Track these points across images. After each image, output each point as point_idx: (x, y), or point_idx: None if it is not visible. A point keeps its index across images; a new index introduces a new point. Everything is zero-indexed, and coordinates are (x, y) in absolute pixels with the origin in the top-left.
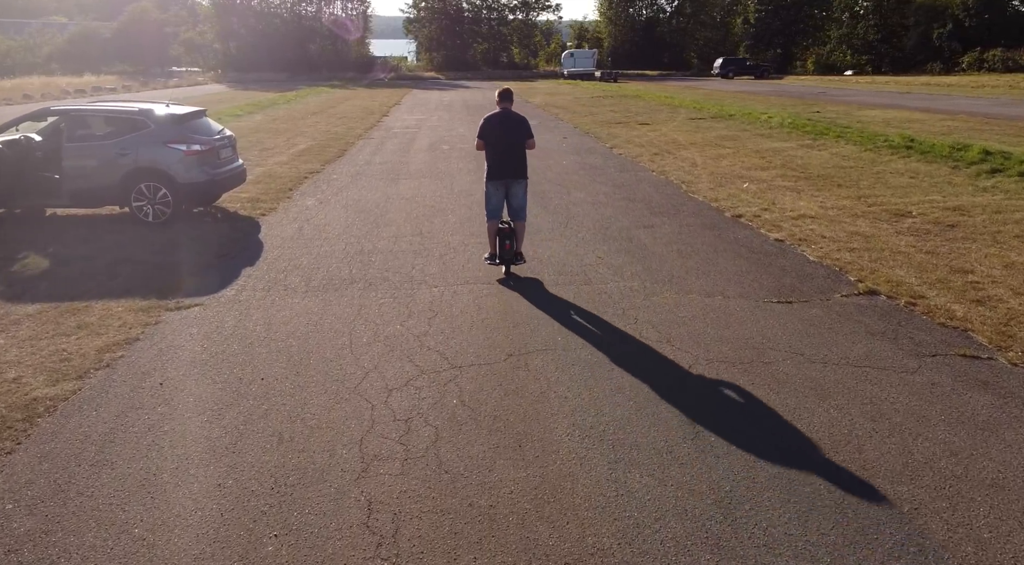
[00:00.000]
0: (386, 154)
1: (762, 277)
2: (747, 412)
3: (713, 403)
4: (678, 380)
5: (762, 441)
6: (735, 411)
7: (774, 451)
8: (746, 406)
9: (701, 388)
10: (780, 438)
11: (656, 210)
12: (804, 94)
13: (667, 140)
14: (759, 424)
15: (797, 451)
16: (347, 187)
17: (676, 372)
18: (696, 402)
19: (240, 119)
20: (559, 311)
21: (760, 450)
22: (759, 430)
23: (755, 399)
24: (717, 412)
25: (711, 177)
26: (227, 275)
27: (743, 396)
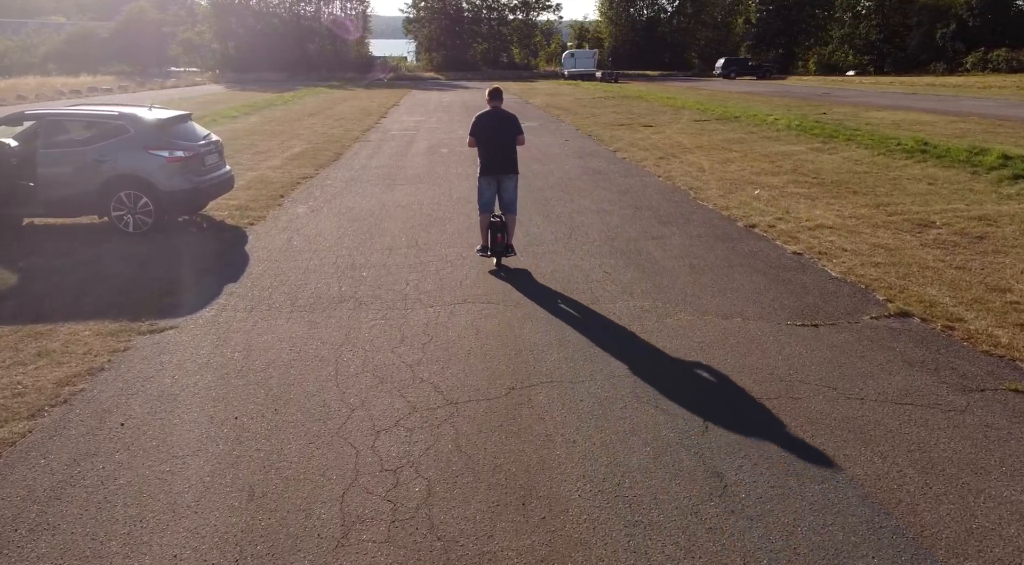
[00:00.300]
0: (383, 158)
1: (782, 296)
2: (780, 461)
3: (741, 450)
4: (699, 420)
5: (800, 498)
6: (766, 460)
7: (814, 512)
8: (778, 454)
9: (726, 430)
10: (821, 494)
11: (664, 219)
12: (808, 95)
13: (672, 143)
14: (796, 475)
15: (841, 511)
16: (341, 193)
17: (696, 410)
18: (721, 448)
19: (235, 121)
20: (564, 336)
21: (798, 510)
22: (796, 483)
23: (787, 444)
24: (746, 461)
25: (720, 183)
26: (208, 292)
27: (774, 439)
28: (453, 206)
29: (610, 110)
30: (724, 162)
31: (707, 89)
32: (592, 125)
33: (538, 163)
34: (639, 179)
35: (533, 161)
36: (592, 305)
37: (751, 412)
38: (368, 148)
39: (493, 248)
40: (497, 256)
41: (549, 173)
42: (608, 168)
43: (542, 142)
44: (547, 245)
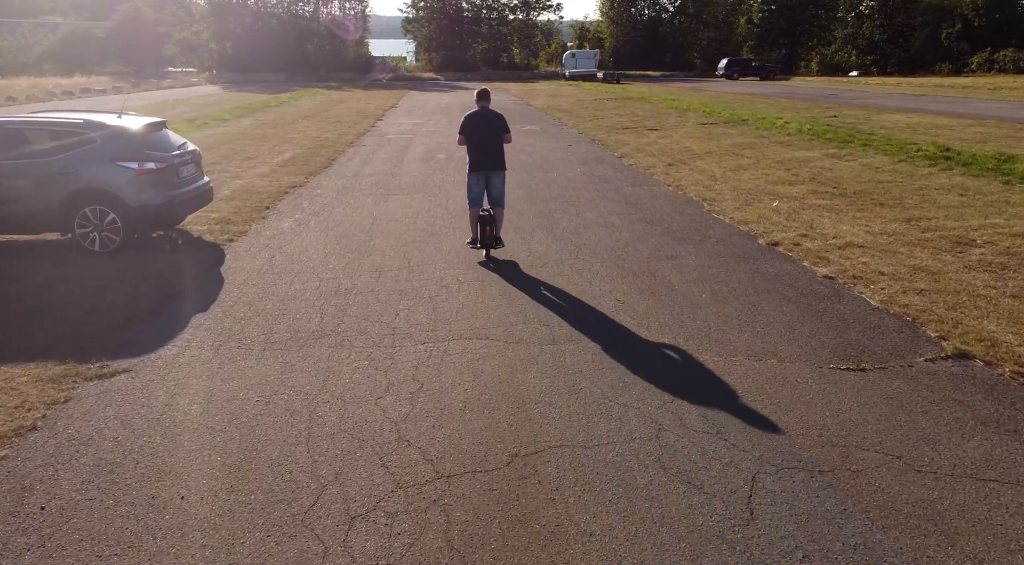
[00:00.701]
0: (377, 164)
1: (819, 330)
2: (846, 563)
3: (797, 548)
4: (741, 502)
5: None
6: (829, 561)
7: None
8: (844, 552)
9: (775, 517)
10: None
11: (678, 235)
12: (815, 96)
13: (680, 148)
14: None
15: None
16: (330, 205)
17: (737, 487)
18: (773, 544)
19: (227, 123)
20: (575, 383)
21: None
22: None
23: (857, 540)
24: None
25: (735, 193)
26: (173, 324)
27: (833, 532)
28: (449, 219)
29: (613, 112)
30: (737, 170)
31: (711, 90)
32: (595, 129)
33: (541, 170)
34: (648, 188)
35: (536, 168)
36: (605, 343)
37: (803, 490)
38: (362, 153)
39: (483, 240)
40: (486, 247)
41: (552, 182)
42: (614, 176)
43: (544, 147)
44: (552, 266)
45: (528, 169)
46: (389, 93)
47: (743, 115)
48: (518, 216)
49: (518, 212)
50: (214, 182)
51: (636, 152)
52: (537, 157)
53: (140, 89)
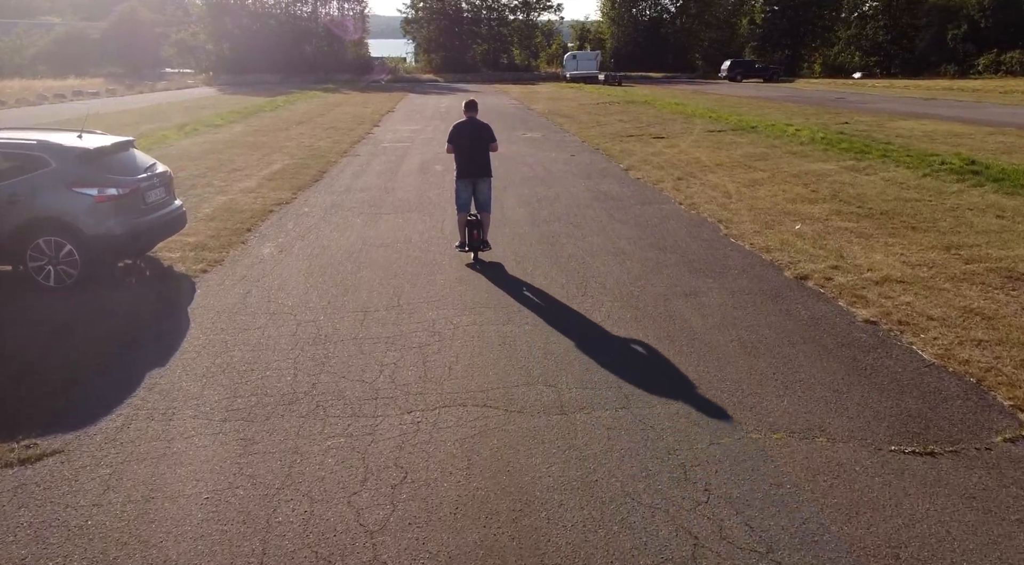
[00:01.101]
0: (370, 177)
1: (871, 396)
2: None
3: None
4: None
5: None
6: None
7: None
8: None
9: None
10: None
11: (696, 266)
12: (822, 100)
13: (688, 159)
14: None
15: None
16: (317, 226)
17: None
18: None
19: (218, 130)
20: (587, 472)
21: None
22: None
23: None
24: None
25: (752, 213)
26: (123, 384)
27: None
28: (445, 245)
29: (616, 118)
30: (751, 185)
31: (715, 93)
32: (599, 136)
33: (543, 185)
34: (658, 207)
35: (538, 183)
36: (621, 412)
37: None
38: (356, 164)
39: (470, 243)
40: (474, 250)
41: (555, 199)
42: (621, 192)
43: (546, 158)
44: (558, 304)
45: (530, 184)
46: (387, 96)
47: (751, 121)
48: (520, 241)
49: (520, 236)
50: (196, 198)
51: (643, 164)
52: (539, 169)
53: (134, 91)
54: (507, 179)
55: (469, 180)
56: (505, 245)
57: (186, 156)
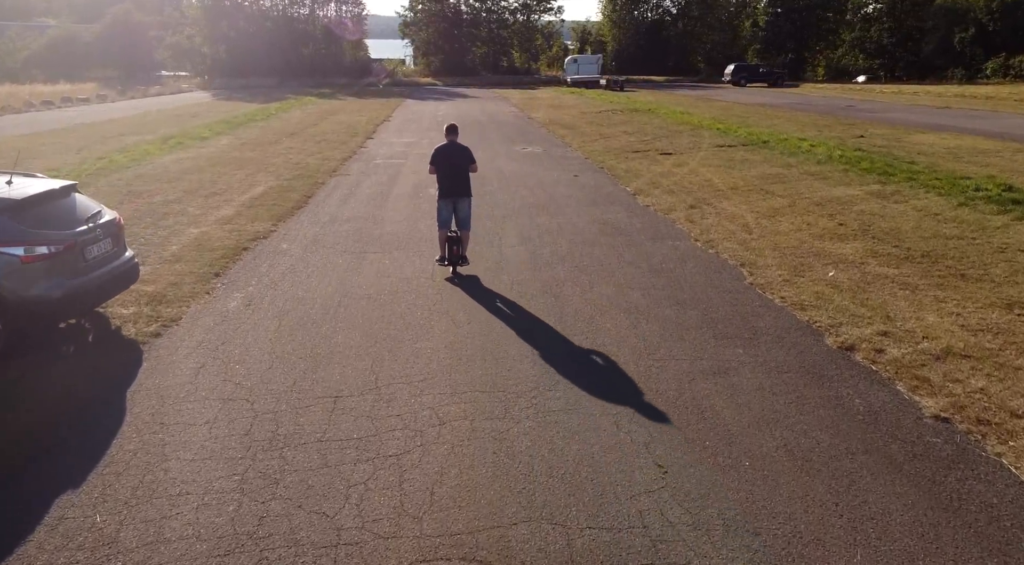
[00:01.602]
0: (358, 204)
1: (965, 542)
2: None
3: None
4: None
5: None
6: None
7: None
8: None
9: None
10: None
11: (722, 329)
12: (831, 108)
13: (700, 182)
14: None
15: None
16: (294, 269)
17: None
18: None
19: (205, 144)
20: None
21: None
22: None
23: None
24: None
25: (777, 254)
26: (8, 526)
27: None
28: (436, 296)
29: (620, 129)
30: (771, 215)
31: (720, 100)
32: (603, 152)
33: (545, 214)
34: (671, 245)
35: (539, 211)
36: (636, 555)
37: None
38: (344, 186)
39: (450, 258)
40: (453, 265)
41: (559, 232)
42: (630, 224)
43: (548, 178)
44: (563, 388)
45: (531, 212)
46: (383, 102)
47: (762, 135)
48: (520, 289)
49: (520, 283)
50: (167, 230)
51: (651, 187)
52: (540, 193)
53: (126, 96)
54: (507, 206)
55: (450, 199)
56: (503, 292)
57: (164, 176)
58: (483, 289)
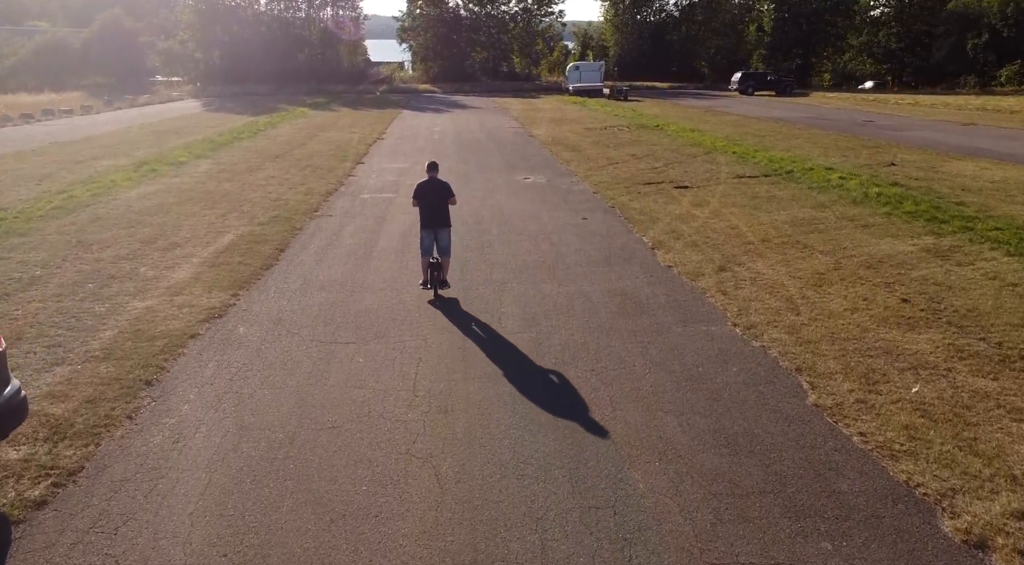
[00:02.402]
0: (337, 261)
1: None
2: None
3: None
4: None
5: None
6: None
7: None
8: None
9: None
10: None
11: (793, 497)
12: (850, 124)
13: (725, 229)
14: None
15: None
16: (245, 374)
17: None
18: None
19: (180, 170)
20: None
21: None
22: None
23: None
24: None
25: (837, 348)
26: None
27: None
28: (418, 424)
29: (628, 151)
30: (816, 283)
31: (729, 112)
32: (612, 183)
33: (551, 278)
34: (705, 331)
35: (545, 274)
36: None
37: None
38: (324, 234)
39: (432, 282)
40: (435, 288)
41: (568, 308)
42: (652, 296)
43: (553, 222)
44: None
45: (534, 276)
46: (378, 114)
47: (783, 161)
48: (524, 411)
49: (524, 402)
50: (107, 305)
51: (671, 237)
52: (545, 246)
53: (113, 107)
54: (508, 265)
55: (431, 230)
56: (504, 414)
57: (124, 219)
58: (479, 410)
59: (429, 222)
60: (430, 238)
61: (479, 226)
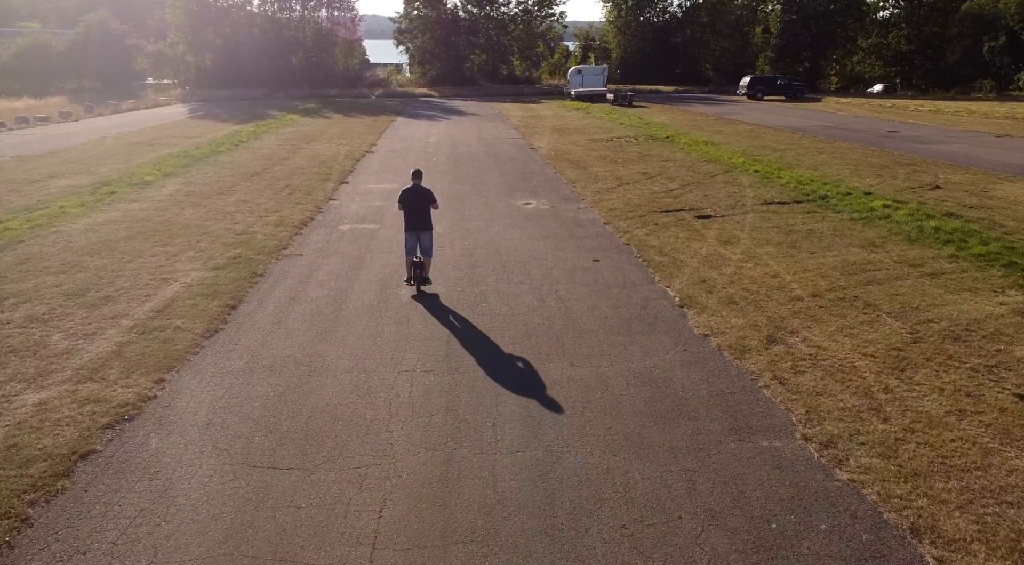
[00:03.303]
0: (296, 325)
1: None
2: None
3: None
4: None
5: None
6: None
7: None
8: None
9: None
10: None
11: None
12: (875, 136)
13: (765, 277)
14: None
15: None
16: (140, 525)
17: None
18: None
19: (140, 193)
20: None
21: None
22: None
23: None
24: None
25: (953, 480)
26: None
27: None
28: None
29: (638, 168)
30: (897, 366)
31: (741, 121)
32: (624, 211)
33: (560, 354)
34: (768, 446)
35: (552, 347)
36: None
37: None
38: (289, 281)
39: (415, 279)
40: (417, 285)
41: (584, 405)
42: (689, 385)
43: (560, 265)
44: None
45: (535, 347)
46: (371, 122)
47: (813, 183)
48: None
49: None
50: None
51: (702, 289)
52: (551, 299)
53: (93, 114)
54: (506, 332)
55: (414, 232)
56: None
57: (58, 260)
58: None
59: (412, 226)
60: (413, 240)
61: (473, 271)
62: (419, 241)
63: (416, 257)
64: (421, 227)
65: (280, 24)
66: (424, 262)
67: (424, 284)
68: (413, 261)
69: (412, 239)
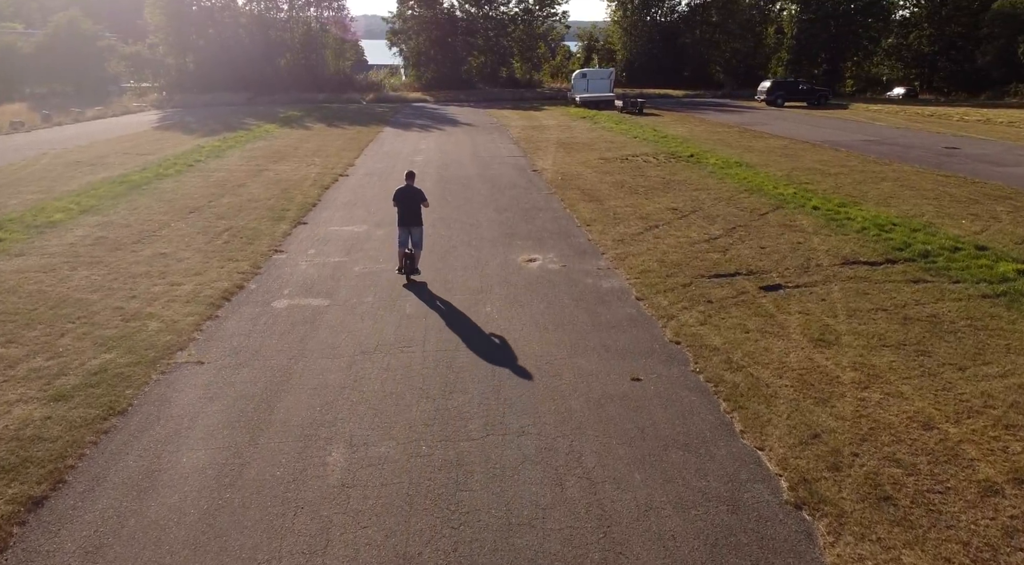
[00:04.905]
0: (142, 546)
1: None
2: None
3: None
4: None
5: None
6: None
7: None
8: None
9: None
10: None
11: None
12: (932, 153)
13: (906, 424)
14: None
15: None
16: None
17: None
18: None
19: (34, 241)
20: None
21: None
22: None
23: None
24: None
25: None
26: None
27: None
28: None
29: (666, 201)
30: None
31: (769, 133)
32: (661, 274)
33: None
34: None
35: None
36: None
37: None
38: (163, 427)
39: (406, 270)
40: (407, 274)
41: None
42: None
43: (580, 392)
44: None
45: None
46: (354, 134)
47: (897, 228)
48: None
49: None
50: None
51: (818, 456)
52: (571, 479)
53: (50, 123)
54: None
55: (406, 227)
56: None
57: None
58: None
59: (405, 221)
60: (405, 234)
61: (445, 428)
62: (411, 234)
63: (408, 249)
64: (413, 222)
65: (267, 24)
66: (415, 254)
67: (414, 274)
68: (405, 252)
69: (404, 233)
